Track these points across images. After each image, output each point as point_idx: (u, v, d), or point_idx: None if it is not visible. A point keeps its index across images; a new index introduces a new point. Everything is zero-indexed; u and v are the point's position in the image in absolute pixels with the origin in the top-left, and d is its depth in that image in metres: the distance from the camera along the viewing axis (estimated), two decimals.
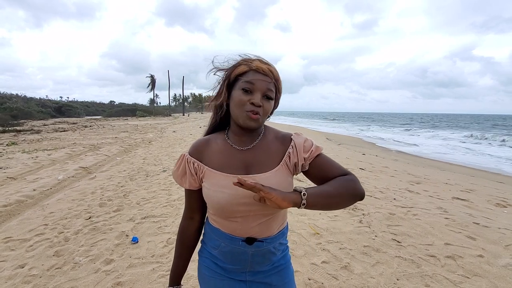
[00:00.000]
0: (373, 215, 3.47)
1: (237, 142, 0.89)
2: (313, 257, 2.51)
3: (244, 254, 0.89)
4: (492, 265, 2.38)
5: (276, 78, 0.84)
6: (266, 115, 0.85)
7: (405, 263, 2.41)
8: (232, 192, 0.82)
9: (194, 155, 0.89)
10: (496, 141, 19.00)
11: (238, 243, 0.88)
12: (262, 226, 0.87)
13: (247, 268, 0.91)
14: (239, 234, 0.87)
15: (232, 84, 0.85)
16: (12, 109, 32.01)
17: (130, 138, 12.38)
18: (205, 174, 0.87)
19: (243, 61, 0.85)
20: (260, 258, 0.90)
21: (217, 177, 0.85)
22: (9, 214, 3.59)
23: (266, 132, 0.93)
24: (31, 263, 2.43)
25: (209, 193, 0.86)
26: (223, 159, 0.87)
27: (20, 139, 11.72)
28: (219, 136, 0.92)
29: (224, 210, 0.85)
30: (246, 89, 0.80)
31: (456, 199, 4.37)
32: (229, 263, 0.91)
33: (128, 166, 6.52)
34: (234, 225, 0.87)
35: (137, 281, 2.18)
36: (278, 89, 0.86)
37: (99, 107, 68.76)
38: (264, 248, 0.89)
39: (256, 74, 0.81)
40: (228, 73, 0.86)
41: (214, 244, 0.92)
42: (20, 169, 5.89)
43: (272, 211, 0.86)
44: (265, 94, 0.81)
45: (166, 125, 22.87)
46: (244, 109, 0.81)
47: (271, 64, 0.85)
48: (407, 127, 38.75)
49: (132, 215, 3.49)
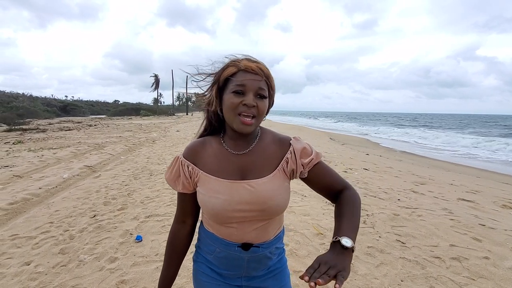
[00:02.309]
0: (377, 216, 3.45)
1: (232, 146, 0.86)
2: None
3: (239, 259, 0.86)
4: (498, 267, 2.35)
5: (267, 75, 0.80)
6: (262, 115, 0.80)
7: (409, 264, 2.40)
8: (227, 198, 0.80)
9: (188, 158, 0.86)
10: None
11: (233, 249, 0.85)
12: (259, 231, 0.85)
13: (242, 273, 0.90)
14: (235, 240, 0.84)
15: (222, 88, 0.82)
16: (18, 108, 32.38)
17: (134, 137, 12.45)
18: (200, 178, 0.84)
19: (230, 63, 0.81)
20: (256, 264, 0.88)
21: (212, 182, 0.82)
22: (16, 212, 3.63)
23: (262, 135, 0.89)
24: (37, 260, 2.46)
25: (204, 199, 0.83)
26: (219, 163, 0.84)
27: (26, 138, 11.86)
28: (215, 140, 0.88)
29: (219, 216, 0.82)
30: (237, 91, 0.77)
31: (461, 200, 4.33)
32: (224, 268, 0.89)
33: (132, 165, 6.55)
34: (230, 231, 0.84)
35: (141, 279, 2.19)
36: (271, 86, 0.82)
37: (103, 106, 69.26)
38: (260, 254, 0.87)
39: (245, 74, 0.77)
40: (217, 77, 0.82)
41: (209, 249, 0.90)
42: (26, 167, 5.95)
43: (268, 217, 0.84)
44: (257, 93, 0.78)
45: (169, 124, 22.96)
46: (237, 113, 0.77)
47: (260, 62, 0.81)
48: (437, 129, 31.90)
49: (136, 214, 3.51)
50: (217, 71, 0.83)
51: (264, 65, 0.81)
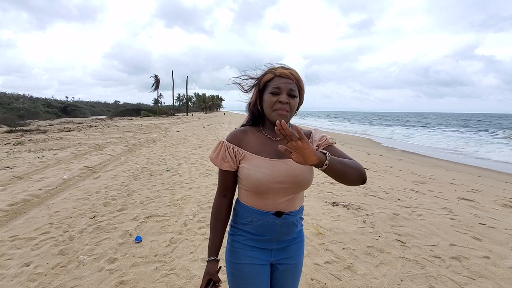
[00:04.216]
0: (377, 215, 3.45)
1: (271, 134, 1.08)
2: (316, 257, 2.50)
3: (274, 225, 1.06)
4: (498, 267, 2.35)
5: (297, 79, 1.02)
6: (293, 110, 1.02)
7: (409, 264, 2.39)
8: (269, 172, 0.99)
9: (233, 141, 1.06)
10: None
11: (269, 217, 1.05)
12: (289, 201, 1.05)
13: (275, 238, 1.08)
14: (270, 209, 1.04)
15: (262, 90, 1.04)
16: (19, 109, 32.42)
17: (134, 137, 12.46)
18: (245, 157, 1.04)
19: (269, 70, 1.04)
20: (286, 228, 1.08)
21: (256, 160, 1.02)
22: (15, 213, 3.63)
23: (292, 127, 1.08)
24: (37, 261, 2.46)
25: (249, 172, 1.01)
26: (260, 146, 1.05)
27: (27, 139, 11.88)
28: (255, 129, 1.10)
29: (261, 187, 1.00)
30: (274, 92, 0.99)
31: (461, 199, 4.32)
32: (261, 234, 1.08)
33: (132, 165, 6.56)
34: (265, 201, 1.03)
35: (140, 280, 2.19)
36: (300, 87, 1.04)
37: (104, 107, 69.30)
38: (289, 220, 1.07)
39: (280, 79, 1.00)
40: (258, 82, 1.06)
41: (247, 221, 1.08)
42: (27, 168, 5.96)
43: (298, 189, 1.03)
44: (289, 93, 0.99)
45: (170, 124, 22.97)
46: (274, 108, 0.99)
47: (292, 69, 1.04)
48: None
49: (135, 215, 3.51)
50: (258, 76, 1.06)
51: (295, 71, 1.03)
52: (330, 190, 4.54)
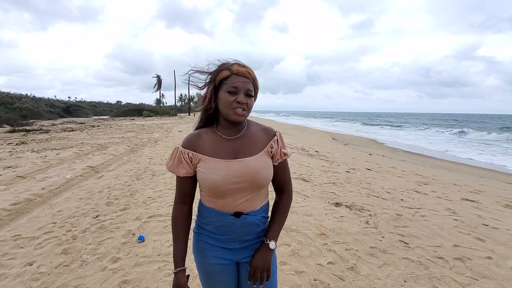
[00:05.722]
0: (380, 216, 3.44)
1: (225, 133, 1.05)
2: (319, 258, 2.50)
3: (233, 226, 1.05)
4: (501, 267, 2.34)
5: (253, 78, 1.00)
6: (250, 110, 1.01)
7: (412, 265, 2.38)
8: (224, 173, 0.99)
9: (187, 146, 1.05)
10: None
11: (227, 217, 1.04)
12: (248, 202, 1.04)
13: (236, 238, 1.08)
14: (228, 210, 1.04)
15: (218, 88, 1.00)
16: (21, 109, 32.59)
17: (136, 137, 12.49)
18: (200, 160, 1.03)
19: (224, 67, 0.99)
20: (247, 229, 1.07)
21: (211, 162, 1.01)
22: (19, 212, 3.65)
23: (249, 124, 1.10)
24: (40, 260, 2.47)
25: (204, 176, 1.00)
26: (215, 147, 1.03)
27: (29, 139, 11.93)
28: (209, 130, 1.08)
29: (217, 189, 1.00)
30: (231, 91, 0.96)
31: (465, 200, 4.30)
32: (221, 234, 1.08)
33: (135, 165, 6.58)
34: (224, 202, 1.03)
35: (143, 279, 2.19)
36: (256, 86, 1.03)
37: (106, 107, 69.52)
38: (249, 220, 1.06)
39: (237, 77, 0.97)
40: (212, 79, 1.01)
41: (208, 221, 1.08)
42: (29, 168, 5.99)
43: (257, 188, 1.04)
44: (246, 93, 0.98)
45: (172, 124, 23.01)
46: (231, 107, 0.97)
47: (248, 66, 1.01)
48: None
49: (138, 214, 3.52)
50: (213, 71, 1.02)
51: (251, 69, 1.01)
52: (333, 191, 4.53)
